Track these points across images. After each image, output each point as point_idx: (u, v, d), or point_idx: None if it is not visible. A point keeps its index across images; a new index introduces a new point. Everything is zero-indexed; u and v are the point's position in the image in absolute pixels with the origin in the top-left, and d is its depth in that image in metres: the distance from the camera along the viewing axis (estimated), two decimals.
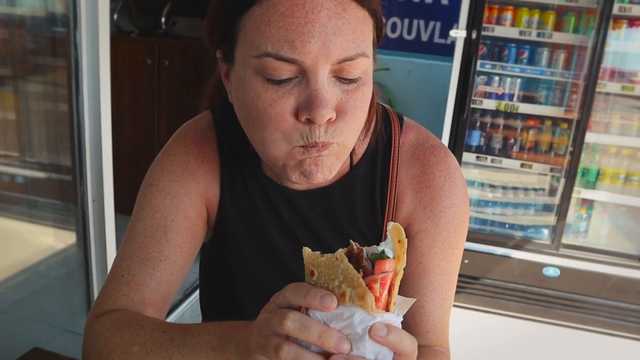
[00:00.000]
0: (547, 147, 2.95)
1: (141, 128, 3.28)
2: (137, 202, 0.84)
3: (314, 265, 0.52)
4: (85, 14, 1.60)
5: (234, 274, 0.89)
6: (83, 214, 1.75)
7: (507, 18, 2.71)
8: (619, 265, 2.76)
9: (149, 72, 3.23)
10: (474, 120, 2.94)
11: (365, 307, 0.49)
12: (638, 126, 2.81)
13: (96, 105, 1.67)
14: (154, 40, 3.24)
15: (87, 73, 1.63)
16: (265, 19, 0.61)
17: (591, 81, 2.61)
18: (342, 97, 0.64)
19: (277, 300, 0.54)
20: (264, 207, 0.85)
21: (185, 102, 3.28)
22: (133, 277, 0.78)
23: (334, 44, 0.61)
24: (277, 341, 0.50)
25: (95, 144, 1.71)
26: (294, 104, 0.63)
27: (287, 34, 0.60)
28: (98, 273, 1.83)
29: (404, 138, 0.84)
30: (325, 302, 0.49)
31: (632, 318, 2.78)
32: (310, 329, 0.49)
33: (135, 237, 0.81)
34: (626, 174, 2.85)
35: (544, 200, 3.11)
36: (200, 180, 0.84)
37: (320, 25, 0.60)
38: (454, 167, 0.83)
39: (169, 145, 0.86)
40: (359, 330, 0.49)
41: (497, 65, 2.80)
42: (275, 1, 0.61)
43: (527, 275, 2.84)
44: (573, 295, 2.82)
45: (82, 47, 1.60)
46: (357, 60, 0.63)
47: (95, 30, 1.60)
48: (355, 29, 0.62)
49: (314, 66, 0.61)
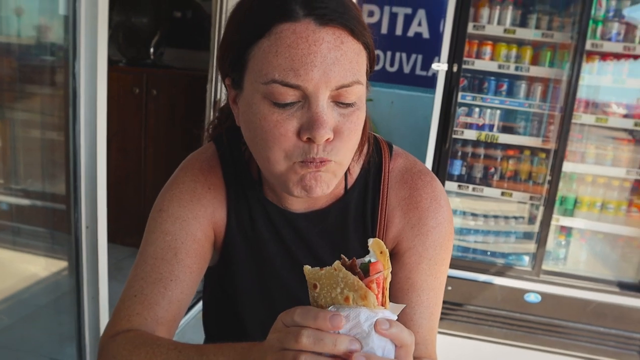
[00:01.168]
0: (526, 176, 3.05)
1: (128, 156, 3.30)
2: (148, 226, 0.88)
3: (315, 279, 0.58)
4: (84, 45, 1.64)
5: (238, 294, 0.92)
6: (76, 240, 1.76)
7: (486, 52, 2.83)
8: (598, 291, 2.83)
9: (136, 101, 3.27)
10: (455, 150, 3.03)
11: (368, 306, 0.55)
12: (612, 156, 2.93)
13: (92, 133, 1.70)
14: (142, 70, 3.29)
15: (84, 102, 1.66)
16: (273, 50, 0.68)
17: (567, 112, 2.73)
18: (339, 120, 0.71)
19: (285, 320, 0.58)
20: (266, 229, 0.90)
21: (172, 131, 3.32)
22: (146, 296, 0.81)
23: (333, 73, 0.68)
24: (293, 354, 0.54)
25: (90, 170, 1.72)
26: (297, 125, 0.70)
27: (292, 63, 0.67)
28: (89, 300, 1.82)
29: (394, 164, 0.91)
30: (335, 322, 0.54)
31: (612, 342, 2.84)
32: (325, 341, 0.54)
33: (147, 259, 0.84)
34: (602, 202, 2.96)
35: (524, 228, 3.19)
36: (207, 206, 0.88)
37: (322, 56, 0.67)
38: (439, 190, 0.90)
39: (177, 175, 0.91)
40: (366, 327, 0.54)
41: (477, 97, 2.91)
42: (282, 35, 0.68)
43: (509, 301, 2.89)
44: (554, 321, 2.88)
45: (81, 76, 1.64)
46: (353, 87, 0.70)
47: (94, 60, 1.64)
48: (352, 60, 0.70)
49: (315, 92, 0.68)
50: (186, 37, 3.65)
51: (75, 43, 1.65)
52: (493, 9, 2.80)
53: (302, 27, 0.67)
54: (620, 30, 2.74)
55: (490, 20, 2.81)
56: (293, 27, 0.67)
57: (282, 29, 0.68)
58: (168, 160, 3.36)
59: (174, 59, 3.58)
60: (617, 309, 2.80)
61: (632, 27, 2.77)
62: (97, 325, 1.88)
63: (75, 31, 1.65)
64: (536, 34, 2.78)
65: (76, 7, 1.64)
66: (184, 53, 3.66)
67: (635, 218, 2.94)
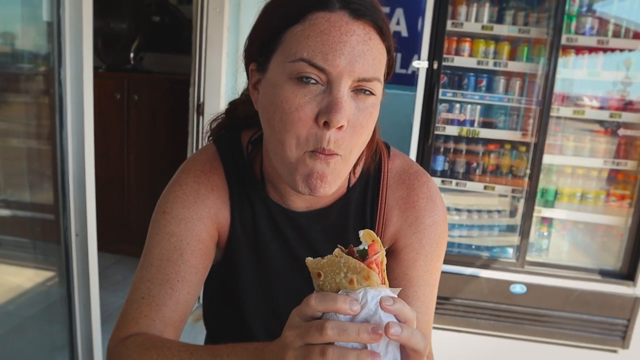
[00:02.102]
0: (507, 170, 3.11)
1: (110, 162, 3.27)
2: (151, 229, 0.88)
3: (319, 268, 0.61)
4: (69, 51, 1.63)
5: (241, 292, 0.93)
6: (66, 248, 1.74)
7: (465, 49, 2.88)
8: (581, 279, 2.91)
9: (118, 106, 3.24)
10: (437, 146, 3.08)
11: (372, 285, 0.58)
12: (590, 147, 3.01)
13: (80, 139, 1.68)
14: (122, 75, 3.26)
15: (71, 109, 1.65)
16: (306, 33, 0.71)
17: (545, 106, 2.79)
18: (355, 112, 0.74)
19: (300, 314, 0.59)
20: (269, 228, 0.91)
21: (155, 136, 3.30)
22: (153, 298, 0.81)
23: (358, 64, 0.71)
24: (320, 347, 0.55)
25: (78, 177, 1.71)
26: (316, 109, 0.72)
27: (322, 47, 0.70)
28: (81, 309, 1.80)
29: (392, 164, 0.94)
30: (354, 305, 0.56)
31: (595, 329, 2.91)
32: (348, 331, 0.55)
33: (153, 261, 0.84)
34: (582, 193, 3.03)
35: (507, 221, 3.25)
36: (211, 207, 0.89)
37: (351, 46, 0.70)
38: (434, 190, 0.93)
39: (178, 177, 0.91)
40: (372, 305, 0.57)
41: (457, 94, 2.95)
42: (316, 21, 0.71)
43: (495, 293, 2.95)
44: (539, 310, 2.94)
45: (67, 83, 1.62)
46: (373, 82, 0.73)
47: (80, 67, 1.63)
48: (375, 57, 0.73)
49: (339, 78, 0.71)
50: (165, 41, 3.63)
51: (61, 50, 1.64)
52: (470, 6, 2.85)
53: (337, 17, 0.71)
54: (593, 24, 2.82)
55: (468, 18, 2.86)
56: (328, 16, 0.71)
57: (317, 16, 0.71)
58: (151, 166, 3.34)
59: (154, 64, 3.56)
60: (600, 296, 2.88)
61: (604, 22, 2.84)
62: (90, 334, 1.86)
63: (60, 38, 1.63)
64: (513, 29, 2.84)
65: (60, 14, 1.63)
66: (164, 57, 3.64)
67: (614, 207, 3.02)
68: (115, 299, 2.95)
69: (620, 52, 2.86)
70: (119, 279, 3.15)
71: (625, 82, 2.91)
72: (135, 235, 3.38)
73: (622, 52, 2.86)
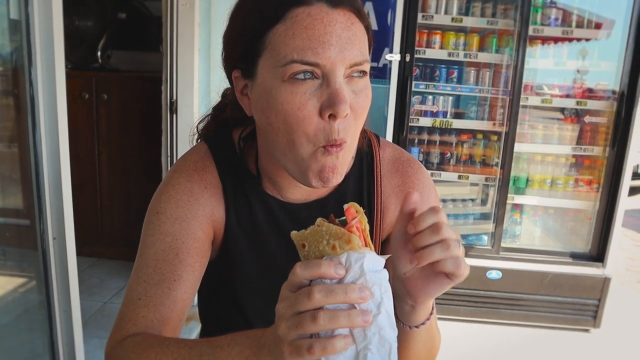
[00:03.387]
0: (480, 159, 3.17)
1: (81, 163, 3.19)
2: (145, 230, 0.86)
3: (303, 239, 0.63)
4: (40, 50, 1.58)
5: (239, 288, 0.93)
6: (43, 253, 1.69)
7: (436, 41, 2.92)
8: (553, 263, 3.00)
9: (86, 106, 3.17)
10: (412, 137, 3.11)
11: (354, 248, 0.59)
12: (558, 135, 3.10)
13: (54, 140, 1.64)
14: (90, 74, 3.19)
15: (43, 109, 1.60)
16: (290, 33, 0.71)
17: (515, 96, 2.86)
18: (353, 97, 0.75)
19: (289, 285, 0.60)
20: (266, 221, 0.91)
21: (126, 135, 3.24)
22: (150, 298, 0.80)
23: (348, 51, 0.72)
24: (310, 312, 0.56)
25: (54, 179, 1.66)
26: (318, 104, 0.72)
27: (310, 43, 0.70)
28: (61, 314, 1.76)
29: (383, 153, 0.95)
30: (339, 269, 0.57)
31: (569, 310, 3.01)
32: (335, 291, 0.56)
33: (148, 262, 0.83)
34: (552, 179, 3.12)
35: (481, 209, 3.32)
36: (206, 205, 0.88)
37: (337, 35, 0.71)
38: (428, 176, 0.96)
39: (170, 177, 0.90)
40: (357, 268, 0.57)
41: (430, 85, 2.99)
42: (297, 18, 0.71)
43: (472, 280, 3.01)
44: (515, 295, 3.02)
45: (38, 83, 1.58)
46: (364, 65, 0.74)
47: (51, 65, 1.58)
48: (360, 40, 0.74)
49: (333, 69, 0.71)
50: (133, 38, 3.56)
51: (30, 49, 1.59)
52: None
53: (317, 10, 0.71)
54: (557, 15, 2.90)
55: (437, 10, 2.90)
56: (308, 10, 0.71)
57: (297, 12, 0.71)
58: (124, 166, 3.28)
59: (122, 62, 3.49)
60: (572, 278, 2.97)
61: (568, 13, 2.93)
62: (71, 339, 1.82)
63: (29, 36, 1.58)
64: (482, 21, 2.89)
65: (29, 11, 1.58)
66: (132, 55, 3.57)
67: (582, 192, 3.12)
68: (92, 303, 2.90)
69: (586, 41, 2.94)
70: (95, 282, 3.09)
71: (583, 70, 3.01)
72: (109, 237, 3.31)
73: (588, 41, 2.94)
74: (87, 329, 2.39)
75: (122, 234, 3.29)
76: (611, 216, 2.90)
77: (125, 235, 3.28)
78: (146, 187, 3.23)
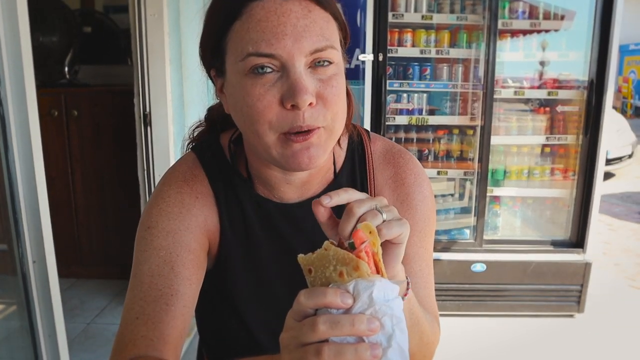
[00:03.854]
0: (458, 154, 3.20)
1: (54, 183, 3.10)
2: (137, 246, 0.84)
3: (309, 264, 0.59)
4: (7, 68, 1.53)
5: (237, 297, 0.91)
6: (23, 277, 1.63)
7: (407, 39, 2.94)
8: (535, 252, 3.04)
9: (56, 124, 3.09)
10: (389, 136, 3.12)
11: (362, 276, 0.54)
12: (532, 126, 3.15)
13: (28, 159, 1.59)
14: (58, 90, 3.11)
15: (15, 128, 1.55)
16: (245, 27, 0.71)
17: (489, 89, 2.89)
18: (319, 85, 0.73)
19: (294, 314, 0.57)
20: (261, 226, 0.89)
21: (99, 151, 3.17)
22: (149, 316, 0.78)
23: (305, 39, 0.71)
24: (314, 346, 0.53)
25: (30, 200, 1.61)
26: (279, 95, 0.72)
27: (264, 35, 0.70)
28: (46, 339, 1.70)
29: (374, 146, 0.95)
30: (345, 298, 0.54)
31: (553, 298, 3.06)
32: (342, 322, 0.52)
33: (143, 279, 0.80)
34: (528, 169, 3.17)
35: (461, 203, 3.35)
36: (198, 215, 0.86)
37: (291, 25, 0.70)
38: (419, 166, 0.96)
39: (160, 189, 0.87)
40: (366, 297, 0.53)
41: (404, 84, 3.01)
42: (252, 12, 0.71)
43: (457, 274, 3.03)
44: (500, 286, 3.05)
45: (8, 101, 1.52)
46: (327, 51, 0.73)
47: (21, 83, 1.54)
48: (322, 26, 0.73)
49: (291, 59, 0.70)
50: (100, 52, 3.49)
51: None
52: None
53: (270, 3, 0.71)
54: (525, 8, 2.95)
55: (407, 9, 2.92)
56: (262, 4, 0.71)
57: (252, 6, 0.71)
58: (99, 183, 3.20)
59: (90, 76, 3.41)
60: (554, 265, 3.02)
61: (534, 6, 2.98)
62: None
63: None
64: (451, 17, 2.93)
65: None
66: (100, 69, 3.50)
67: (558, 180, 3.18)
68: (75, 325, 2.82)
69: (555, 32, 3.00)
70: (76, 304, 3.00)
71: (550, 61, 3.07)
72: (88, 256, 3.23)
73: (557, 32, 3.00)
74: (72, 352, 2.32)
75: (102, 252, 3.21)
76: (588, 202, 2.96)
77: (104, 253, 3.20)
78: (123, 202, 3.19)
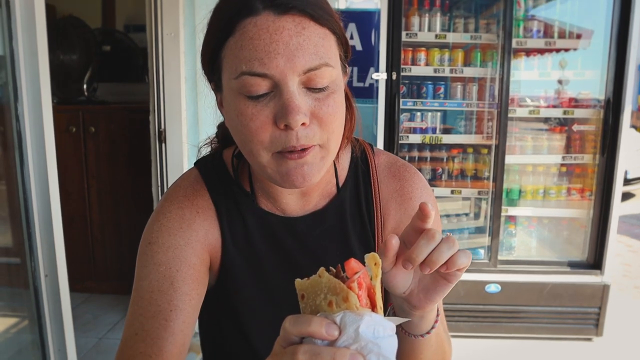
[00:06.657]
0: (472, 173, 3.18)
1: (70, 198, 3.15)
2: (139, 261, 0.84)
3: (303, 289, 0.57)
4: (25, 85, 1.56)
5: (242, 312, 0.90)
6: (35, 290, 1.65)
7: (421, 58, 2.94)
8: (551, 273, 2.98)
9: (74, 140, 3.14)
10: (402, 155, 3.11)
11: (351, 308, 0.52)
12: (547, 145, 3.12)
13: (43, 175, 1.62)
14: (77, 107, 3.17)
15: (31, 144, 1.58)
16: (239, 45, 0.70)
17: (503, 108, 2.88)
18: (315, 104, 0.72)
19: (280, 340, 0.56)
20: (264, 240, 0.88)
21: (115, 167, 3.21)
22: (147, 332, 0.77)
23: (298, 58, 0.69)
24: None
25: (44, 215, 1.63)
26: (271, 115, 0.71)
27: (256, 53, 0.69)
28: (56, 353, 1.71)
29: (378, 160, 0.95)
30: (331, 329, 0.52)
31: (570, 320, 2.99)
32: (322, 355, 0.51)
33: (143, 294, 0.80)
34: (544, 189, 3.13)
35: (475, 223, 3.31)
36: (199, 230, 0.86)
37: (284, 43, 0.69)
38: (424, 180, 0.95)
39: (161, 205, 0.88)
40: (351, 332, 0.51)
41: (417, 102, 3.01)
42: (245, 29, 0.70)
43: (471, 295, 2.98)
44: (515, 307, 2.99)
45: (25, 118, 1.56)
46: (322, 69, 0.71)
47: (38, 100, 1.57)
48: (317, 44, 0.71)
49: (283, 78, 0.69)
50: (118, 70, 3.56)
51: (16, 84, 1.57)
52: (422, 16, 2.92)
53: (263, 19, 0.69)
54: (539, 27, 2.94)
55: (421, 28, 2.93)
56: (254, 21, 0.69)
57: (245, 24, 0.70)
58: (114, 198, 3.24)
59: (108, 94, 3.48)
60: (571, 287, 2.96)
61: (549, 25, 2.97)
62: None
63: (14, 72, 1.57)
64: (465, 36, 2.93)
65: (13, 46, 1.57)
66: (118, 87, 3.56)
67: (575, 200, 3.13)
68: (87, 340, 2.83)
69: (567, 52, 2.98)
70: (89, 319, 3.02)
71: (567, 80, 3.05)
72: (101, 272, 3.25)
73: (571, 51, 2.98)
74: None
75: (115, 267, 3.23)
76: (606, 223, 2.90)
77: (118, 268, 3.22)
78: (137, 219, 3.20)
